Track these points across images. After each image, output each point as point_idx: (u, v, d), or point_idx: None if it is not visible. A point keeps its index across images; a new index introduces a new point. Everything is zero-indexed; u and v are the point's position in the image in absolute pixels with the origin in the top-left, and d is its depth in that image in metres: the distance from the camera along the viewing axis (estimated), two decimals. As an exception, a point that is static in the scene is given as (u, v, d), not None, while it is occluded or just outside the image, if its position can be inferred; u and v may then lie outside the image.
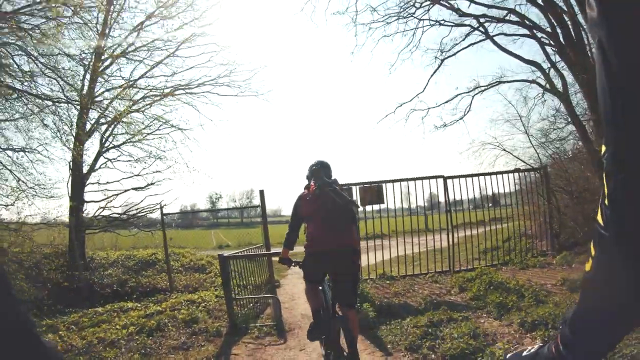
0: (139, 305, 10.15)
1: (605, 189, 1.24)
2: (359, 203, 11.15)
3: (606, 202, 1.24)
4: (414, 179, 11.40)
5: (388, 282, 10.53)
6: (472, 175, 11.85)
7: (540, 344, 1.93)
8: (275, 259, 7.63)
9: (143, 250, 17.11)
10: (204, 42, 19.23)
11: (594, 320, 1.46)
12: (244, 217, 72.62)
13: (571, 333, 1.53)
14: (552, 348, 1.63)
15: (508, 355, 2.14)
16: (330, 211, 5.00)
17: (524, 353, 1.92)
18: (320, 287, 5.27)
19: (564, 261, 10.57)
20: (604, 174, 1.25)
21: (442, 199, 11.80)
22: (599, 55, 1.13)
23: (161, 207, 12.81)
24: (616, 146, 1.19)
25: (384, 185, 11.35)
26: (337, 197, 5.04)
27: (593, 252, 1.40)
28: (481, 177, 11.94)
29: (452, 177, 11.57)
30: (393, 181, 11.40)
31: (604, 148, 1.24)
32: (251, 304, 8.84)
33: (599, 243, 1.35)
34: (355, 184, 11.33)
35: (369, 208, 11.59)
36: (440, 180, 11.48)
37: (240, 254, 9.38)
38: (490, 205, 13.16)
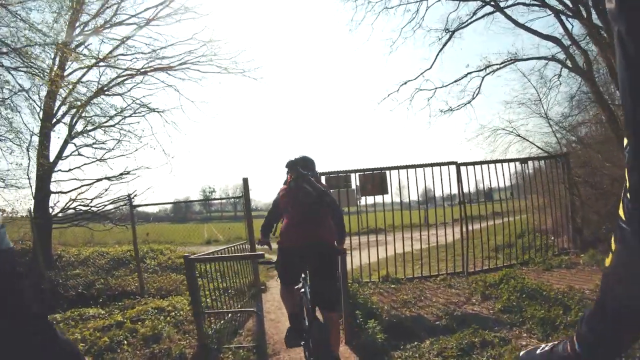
0: (102, 312, 8.93)
1: (627, 183, 1.38)
2: (358, 193, 9.86)
3: (628, 195, 1.38)
4: (423, 166, 9.84)
5: (393, 286, 8.96)
6: (487, 162, 10.40)
7: (555, 342, 2.16)
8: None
9: (119, 246, 15.67)
10: (186, 17, 17.49)
11: (612, 316, 1.48)
12: (238, 211, 71.63)
13: (588, 330, 1.58)
14: (567, 346, 1.69)
15: (521, 354, 2.56)
16: (303, 204, 4.74)
17: (538, 351, 2.13)
18: (302, 289, 4.99)
19: (592, 261, 9.34)
20: (625, 168, 1.33)
21: (449, 189, 10.56)
22: (619, 48, 1.15)
23: (130, 199, 11.22)
24: (637, 139, 1.24)
25: (387, 172, 9.79)
26: (310, 187, 4.73)
27: (613, 247, 1.54)
28: (497, 165, 10.46)
29: (466, 164, 10.04)
30: (399, 168, 9.80)
31: (625, 141, 1.31)
32: (229, 314, 7.38)
33: (620, 238, 1.47)
34: (355, 171, 9.86)
35: (369, 200, 10.13)
36: (453, 168, 9.97)
37: (212, 255, 7.77)
38: (510, 194, 11.58)
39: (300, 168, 4.92)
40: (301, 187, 4.75)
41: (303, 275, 5.05)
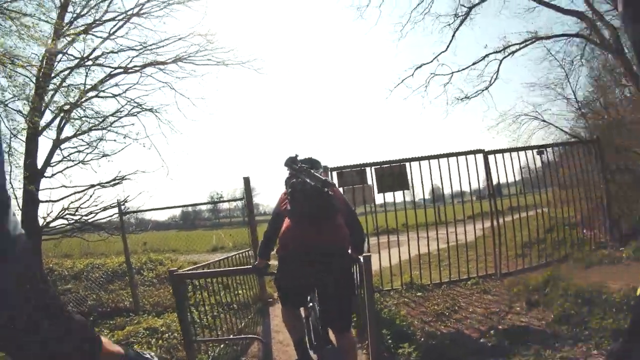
0: None
1: None
2: (375, 189, 8.80)
3: None
4: (447, 155, 8.75)
5: (420, 294, 7.92)
6: (517, 150, 9.46)
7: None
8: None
9: (116, 257, 14.67)
10: (179, 9, 16.56)
11: None
12: (246, 216, 71.31)
13: (624, 349, 1.31)
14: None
15: None
16: (304, 200, 3.88)
17: None
18: (309, 303, 4.38)
19: (637, 254, 8.35)
20: None
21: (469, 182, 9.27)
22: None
23: (119, 205, 10.13)
24: None
25: (407, 164, 8.75)
26: (310, 179, 3.85)
27: None
28: (528, 152, 9.53)
29: (494, 152, 8.98)
30: (419, 159, 8.72)
31: None
32: (231, 335, 6.39)
33: None
34: (371, 165, 8.76)
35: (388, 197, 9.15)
36: (480, 157, 8.91)
37: (202, 269, 6.71)
38: (546, 185, 10.37)
39: (303, 164, 4.15)
40: (302, 181, 3.91)
41: (309, 296, 4.37)
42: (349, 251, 4.13)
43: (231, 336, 6.36)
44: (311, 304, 4.37)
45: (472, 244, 9.49)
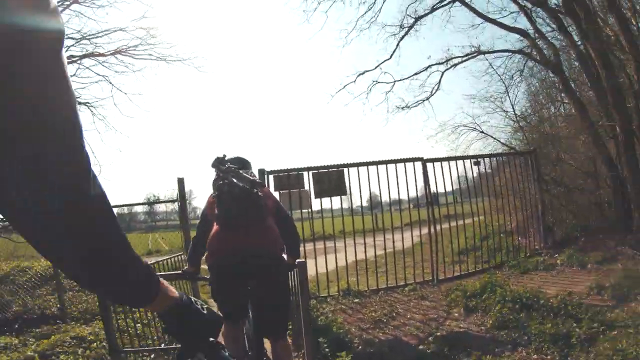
0: (15, 341, 7.50)
1: None
2: (312, 194, 8.75)
3: None
4: (386, 162, 8.81)
5: (357, 300, 7.83)
6: (455, 159, 9.77)
7: None
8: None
9: (45, 261, 14.06)
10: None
11: None
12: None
13: None
14: None
15: None
16: (231, 202, 3.70)
17: None
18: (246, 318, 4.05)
19: (571, 261, 8.61)
20: None
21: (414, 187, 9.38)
22: None
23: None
24: None
25: (345, 170, 8.71)
26: (238, 179, 3.74)
27: None
28: (466, 161, 9.85)
29: (432, 160, 9.14)
30: (358, 165, 8.72)
31: None
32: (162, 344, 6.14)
33: None
34: (308, 169, 8.71)
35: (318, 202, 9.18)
36: (419, 164, 8.99)
37: None
38: (482, 194, 10.63)
39: (231, 165, 3.98)
40: (230, 182, 3.73)
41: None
42: (284, 255, 4.03)
43: (162, 345, 6.11)
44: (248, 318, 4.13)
45: (409, 250, 9.43)
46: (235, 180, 3.72)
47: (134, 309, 6.40)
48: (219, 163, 3.94)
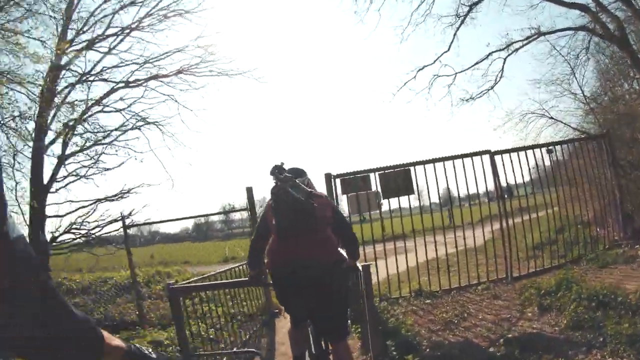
0: None
1: None
2: (381, 195, 8.61)
3: None
4: (452, 158, 8.52)
5: (428, 301, 7.70)
6: (524, 149, 9.16)
7: None
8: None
9: (124, 271, 14.58)
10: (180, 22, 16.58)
11: None
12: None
13: None
14: None
15: None
16: (287, 212, 3.79)
17: None
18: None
19: None
20: None
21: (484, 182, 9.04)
22: None
23: (123, 219, 9.96)
24: None
25: (412, 169, 8.52)
26: (296, 191, 3.75)
27: None
28: (536, 151, 9.29)
29: (500, 152, 8.74)
30: (424, 162, 8.48)
31: None
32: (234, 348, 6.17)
33: None
34: (374, 170, 8.59)
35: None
36: (487, 157, 8.64)
37: (201, 281, 6.69)
38: (555, 184, 10.05)
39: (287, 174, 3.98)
40: (286, 192, 3.78)
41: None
42: (343, 259, 4.12)
43: (234, 349, 6.17)
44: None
45: (481, 247, 9.24)
46: (290, 190, 3.75)
47: (207, 315, 6.56)
48: (277, 171, 3.94)
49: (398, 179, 8.51)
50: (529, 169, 9.20)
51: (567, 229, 9.74)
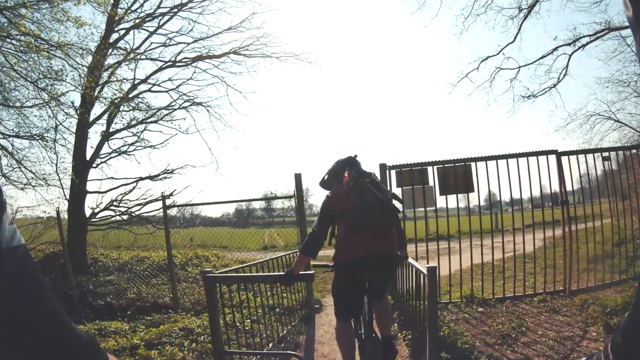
0: (126, 327, 7.91)
1: None
2: (437, 191, 8.06)
3: None
4: (516, 156, 7.87)
5: (481, 309, 7.19)
6: (592, 151, 8.43)
7: (588, 354, 2.01)
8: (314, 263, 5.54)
9: (162, 251, 14.40)
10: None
11: None
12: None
13: (623, 340, 1.20)
14: (601, 357, 1.29)
15: None
16: (369, 209, 4.02)
17: None
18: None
19: None
20: None
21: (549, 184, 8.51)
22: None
23: (164, 199, 9.73)
24: None
25: (472, 165, 7.94)
26: (377, 190, 4.12)
27: None
28: (605, 154, 8.48)
29: (568, 153, 7.99)
30: (486, 159, 7.88)
31: None
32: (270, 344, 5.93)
33: None
34: (432, 163, 8.02)
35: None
36: (552, 158, 7.96)
37: (235, 272, 6.42)
38: (615, 193, 9.28)
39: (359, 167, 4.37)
40: (366, 189, 4.08)
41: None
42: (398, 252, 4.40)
43: (265, 350, 5.81)
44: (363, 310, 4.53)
45: (534, 255, 8.77)
46: (370, 187, 4.07)
47: (243, 305, 6.20)
48: (351, 162, 4.34)
49: (457, 175, 7.95)
50: (588, 174, 8.53)
51: (628, 241, 9.02)
